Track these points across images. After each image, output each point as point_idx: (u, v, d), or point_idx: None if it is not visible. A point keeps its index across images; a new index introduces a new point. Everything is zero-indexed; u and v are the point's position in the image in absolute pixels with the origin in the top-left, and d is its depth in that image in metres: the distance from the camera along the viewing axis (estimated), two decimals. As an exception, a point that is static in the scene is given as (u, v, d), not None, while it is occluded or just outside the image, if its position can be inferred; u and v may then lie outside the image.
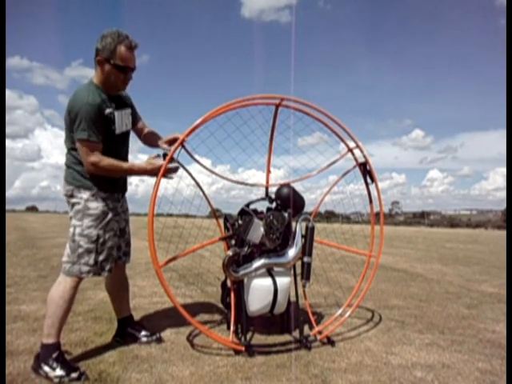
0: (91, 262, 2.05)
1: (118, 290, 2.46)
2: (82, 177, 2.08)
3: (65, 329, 2.31)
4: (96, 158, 2.01)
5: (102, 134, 2.04)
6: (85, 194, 2.07)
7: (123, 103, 2.25)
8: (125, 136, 2.26)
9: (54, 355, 1.94)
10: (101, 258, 2.09)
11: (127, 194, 2.41)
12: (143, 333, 2.44)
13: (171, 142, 2.29)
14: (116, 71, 2.06)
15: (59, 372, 1.89)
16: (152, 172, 2.15)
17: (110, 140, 2.11)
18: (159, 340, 2.43)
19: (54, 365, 1.91)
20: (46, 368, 1.91)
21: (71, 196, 2.10)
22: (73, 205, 2.10)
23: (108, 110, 2.09)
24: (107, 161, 2.04)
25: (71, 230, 2.08)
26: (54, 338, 1.99)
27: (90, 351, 2.26)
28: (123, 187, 2.31)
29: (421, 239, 14.76)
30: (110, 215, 2.12)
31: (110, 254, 2.15)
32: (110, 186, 2.14)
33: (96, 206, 2.07)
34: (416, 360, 2.28)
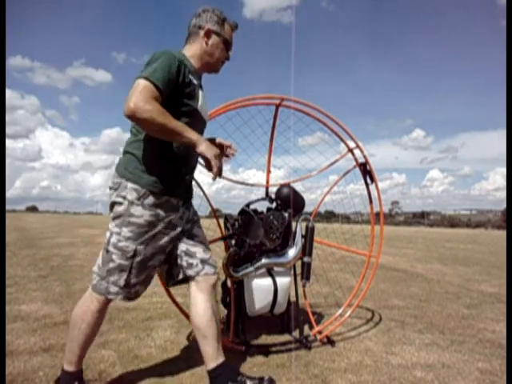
0: (121, 282, 1.66)
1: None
2: (138, 169, 1.64)
3: (64, 328, 2.31)
4: (146, 99, 1.48)
5: (168, 90, 1.58)
6: (131, 194, 1.63)
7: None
8: (202, 127, 1.86)
9: None
10: (135, 280, 1.68)
11: None
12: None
13: None
14: (223, 46, 1.85)
15: None
16: (210, 153, 1.58)
17: (184, 114, 1.67)
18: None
19: None
20: None
21: (116, 190, 1.67)
22: (113, 204, 1.68)
23: (192, 78, 1.70)
24: (158, 107, 1.50)
25: (107, 235, 1.69)
26: (75, 366, 1.73)
27: (89, 351, 2.25)
28: (186, 192, 1.86)
29: (421, 239, 14.77)
30: (158, 227, 1.68)
31: (148, 276, 1.76)
32: (168, 187, 1.68)
33: (141, 214, 1.63)
34: (416, 360, 2.28)
